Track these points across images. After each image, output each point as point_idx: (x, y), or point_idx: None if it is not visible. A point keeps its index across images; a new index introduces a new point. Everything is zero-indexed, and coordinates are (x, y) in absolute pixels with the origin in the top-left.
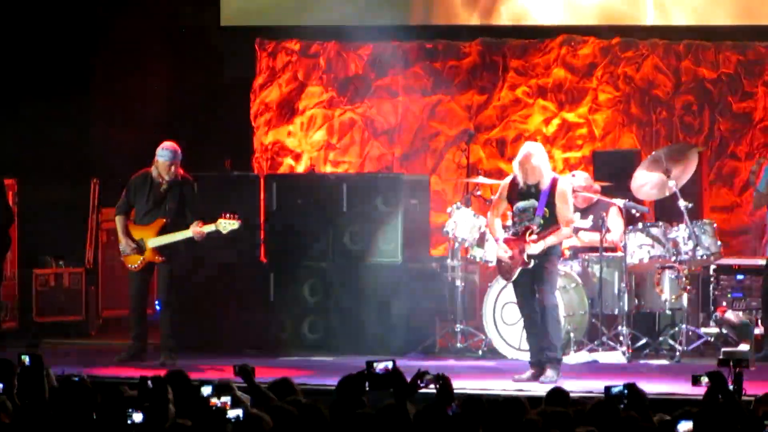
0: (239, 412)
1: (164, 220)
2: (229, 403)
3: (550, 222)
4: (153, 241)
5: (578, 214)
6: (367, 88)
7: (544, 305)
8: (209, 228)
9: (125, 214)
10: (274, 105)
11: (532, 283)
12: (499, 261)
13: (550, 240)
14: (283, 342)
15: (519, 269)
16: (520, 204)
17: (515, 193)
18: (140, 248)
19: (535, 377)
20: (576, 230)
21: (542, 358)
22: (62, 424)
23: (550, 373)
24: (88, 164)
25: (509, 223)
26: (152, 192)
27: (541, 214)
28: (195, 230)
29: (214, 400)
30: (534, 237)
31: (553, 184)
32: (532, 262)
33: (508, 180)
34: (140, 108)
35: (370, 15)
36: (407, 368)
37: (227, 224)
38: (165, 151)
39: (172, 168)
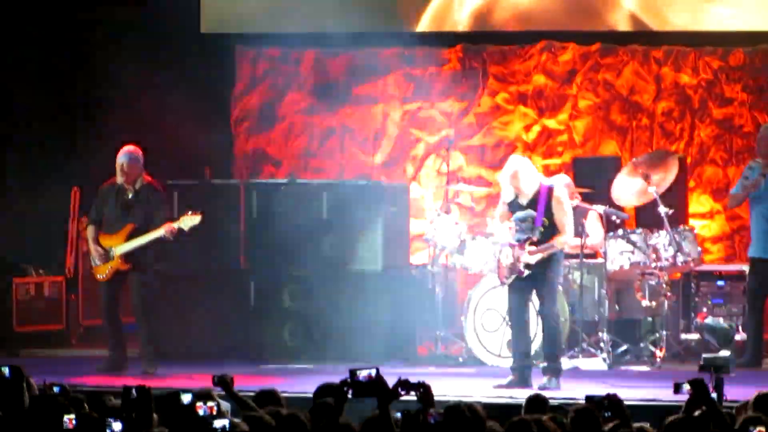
0: (225, 422)
1: (132, 226)
2: (215, 408)
3: (550, 230)
4: (121, 248)
5: None
6: (347, 95)
7: (544, 314)
8: (176, 224)
9: (95, 224)
10: (255, 112)
11: (528, 291)
12: (499, 263)
13: (548, 248)
14: (263, 349)
15: (514, 276)
16: (519, 214)
17: (513, 202)
18: (108, 257)
19: (516, 383)
20: None
21: (524, 365)
22: None
23: (548, 379)
24: (69, 172)
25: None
26: (119, 199)
27: (540, 224)
28: (167, 228)
29: (199, 405)
30: (533, 248)
31: (549, 192)
32: (527, 272)
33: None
34: (121, 117)
35: (349, 22)
36: (388, 375)
37: (188, 220)
38: (123, 155)
39: (129, 170)
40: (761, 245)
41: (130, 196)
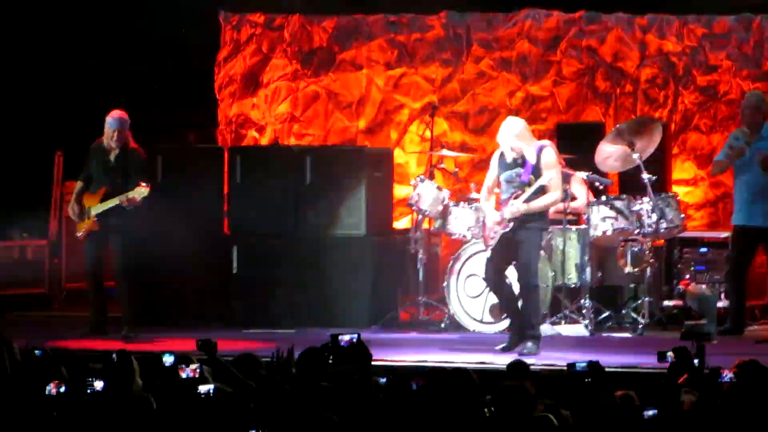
0: (210, 387)
1: (105, 189)
2: (197, 371)
3: (537, 189)
4: (94, 209)
5: None
6: (331, 60)
7: (521, 283)
8: (130, 194)
9: (84, 180)
10: (239, 77)
11: (506, 257)
12: (484, 227)
13: (535, 204)
14: (246, 314)
15: (500, 234)
16: (507, 173)
17: (503, 164)
18: (84, 216)
19: (513, 345)
20: None
21: (518, 330)
22: (26, 397)
23: (530, 345)
24: (53, 137)
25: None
26: (103, 160)
27: (526, 180)
28: (122, 197)
29: (182, 367)
30: (517, 201)
31: (539, 152)
32: (510, 225)
33: (497, 152)
34: (105, 82)
35: None
36: (370, 341)
37: (140, 191)
38: (110, 119)
39: (115, 135)
40: (745, 213)
41: (112, 158)
